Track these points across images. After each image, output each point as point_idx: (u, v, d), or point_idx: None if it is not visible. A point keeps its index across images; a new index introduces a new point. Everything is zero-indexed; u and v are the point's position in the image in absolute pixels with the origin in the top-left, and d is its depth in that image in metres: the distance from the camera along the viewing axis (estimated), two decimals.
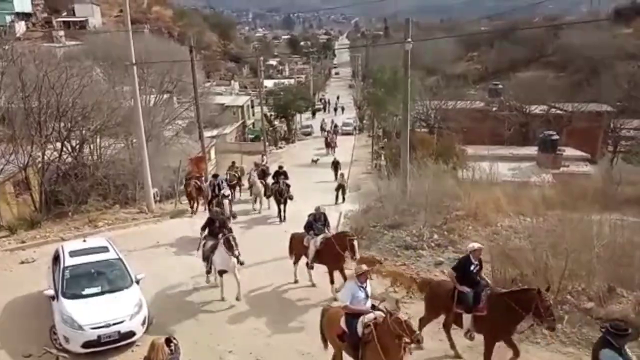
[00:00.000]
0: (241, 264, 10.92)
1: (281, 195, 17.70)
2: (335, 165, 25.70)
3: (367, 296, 7.70)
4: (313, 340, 9.39)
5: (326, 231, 11.81)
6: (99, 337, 8.98)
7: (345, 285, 7.89)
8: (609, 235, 10.66)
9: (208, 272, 11.88)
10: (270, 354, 9.27)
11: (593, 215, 11.16)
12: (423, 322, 8.86)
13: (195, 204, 18.36)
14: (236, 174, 21.48)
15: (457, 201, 15.48)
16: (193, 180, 18.31)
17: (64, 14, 75.71)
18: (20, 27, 66.74)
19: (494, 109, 41.72)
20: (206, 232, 12.00)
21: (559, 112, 38.23)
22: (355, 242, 10.89)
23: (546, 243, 10.60)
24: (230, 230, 11.64)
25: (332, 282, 11.34)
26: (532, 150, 31.65)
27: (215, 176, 17.55)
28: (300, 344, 9.41)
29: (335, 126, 47.34)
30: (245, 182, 21.78)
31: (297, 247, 12.15)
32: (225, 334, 9.92)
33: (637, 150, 24.91)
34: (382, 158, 32.50)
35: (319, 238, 11.56)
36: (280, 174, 18.64)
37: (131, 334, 9.27)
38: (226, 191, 17.13)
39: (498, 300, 8.01)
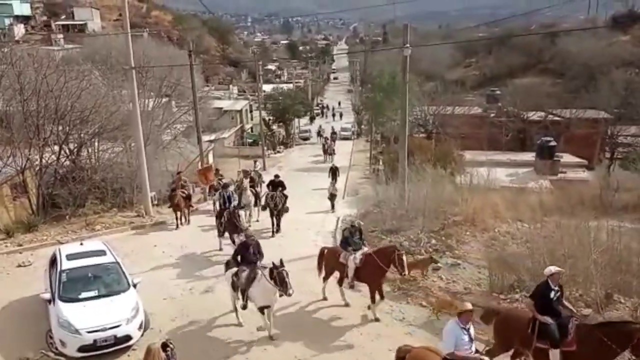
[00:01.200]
0: (289, 295, 9.27)
1: (275, 207, 16.17)
2: (334, 171, 25.39)
3: (471, 339, 6.86)
4: (310, 347, 9.40)
5: (364, 246, 10.91)
6: (95, 341, 8.94)
7: (446, 328, 6.89)
8: (606, 242, 10.69)
9: (244, 307, 10.04)
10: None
11: (590, 222, 11.19)
12: (491, 355, 7.64)
13: (182, 216, 17.12)
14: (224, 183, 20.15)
15: (455, 206, 15.53)
16: (179, 190, 17.02)
17: (63, 17, 75.82)
18: (20, 30, 66.88)
19: (492, 115, 41.81)
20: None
21: (556, 118, 38.33)
22: (404, 257, 10.11)
23: (544, 249, 10.63)
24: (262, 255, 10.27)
25: (373, 301, 10.42)
26: (530, 157, 31.72)
27: (225, 186, 15.95)
28: (297, 350, 9.38)
29: (334, 133, 46.43)
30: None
31: (330, 262, 11.16)
32: (221, 339, 9.87)
33: (634, 156, 24.94)
34: (380, 163, 32.56)
35: (359, 254, 10.58)
36: (276, 184, 16.85)
37: (127, 338, 9.22)
38: (236, 201, 15.55)
39: (589, 333, 7.13)
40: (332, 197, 20.86)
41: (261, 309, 9.63)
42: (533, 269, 10.52)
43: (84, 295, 9.64)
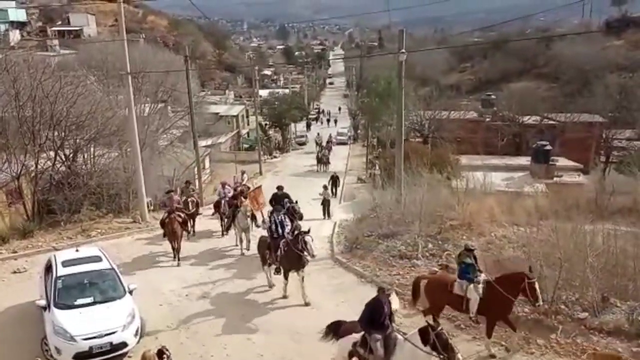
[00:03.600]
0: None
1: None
2: (335, 179, 25.12)
3: None
4: (307, 352, 9.36)
5: (481, 273, 9.26)
6: (90, 348, 8.88)
7: None
8: (602, 245, 10.71)
9: None
10: None
11: (586, 225, 11.23)
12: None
13: (178, 245, 14.18)
14: (193, 199, 17.28)
15: (451, 211, 15.53)
16: (175, 214, 14.36)
17: (59, 23, 75.85)
18: (15, 35, 66.78)
19: (487, 119, 42.05)
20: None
21: (551, 122, 38.56)
22: (537, 285, 8.65)
23: (540, 253, 10.65)
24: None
25: (489, 336, 9.08)
26: (525, 161, 31.84)
27: (276, 209, 12.65)
28: (292, 355, 9.35)
29: (329, 142, 44.29)
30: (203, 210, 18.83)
31: (436, 295, 9.50)
32: (217, 344, 9.84)
33: (629, 160, 25.08)
34: (377, 167, 32.60)
35: (481, 284, 9.05)
36: (281, 197, 14.16)
37: (123, 344, 9.16)
38: (289, 226, 12.28)
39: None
40: (325, 202, 20.74)
41: None
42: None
43: (79, 301, 9.58)
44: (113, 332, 9.05)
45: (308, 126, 61.06)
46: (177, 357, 8.52)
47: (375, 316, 7.54)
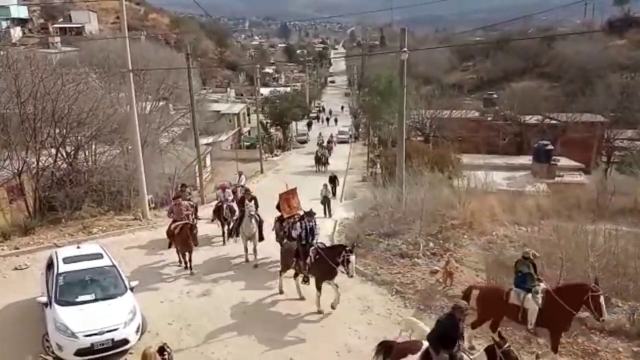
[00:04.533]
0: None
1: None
2: (333, 179, 25.07)
3: None
4: (306, 350, 9.38)
5: (540, 282, 8.68)
6: (92, 344, 8.89)
7: None
8: (603, 245, 10.72)
9: None
10: None
11: (587, 225, 11.24)
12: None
13: (189, 256, 13.19)
14: (192, 203, 15.58)
15: (452, 210, 15.54)
16: (187, 223, 13.02)
17: (60, 20, 75.79)
18: (17, 32, 66.75)
19: (489, 118, 42.01)
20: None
21: (553, 122, 38.52)
22: (602, 299, 8.05)
23: (541, 252, 10.63)
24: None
25: (555, 351, 8.50)
26: (527, 160, 31.82)
27: (309, 214, 11.52)
28: (294, 351, 9.36)
29: (330, 141, 43.28)
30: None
31: (491, 305, 8.95)
32: (219, 342, 9.84)
33: (630, 160, 25.06)
34: (378, 166, 32.60)
35: (540, 293, 8.48)
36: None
37: (125, 341, 9.17)
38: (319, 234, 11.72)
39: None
40: (326, 200, 20.69)
41: None
42: None
43: (80, 298, 9.59)
44: (114, 329, 9.05)
45: (309, 125, 60.67)
46: (178, 354, 8.54)
47: (448, 334, 7.07)
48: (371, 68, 60.91)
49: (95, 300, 9.64)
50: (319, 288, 10.72)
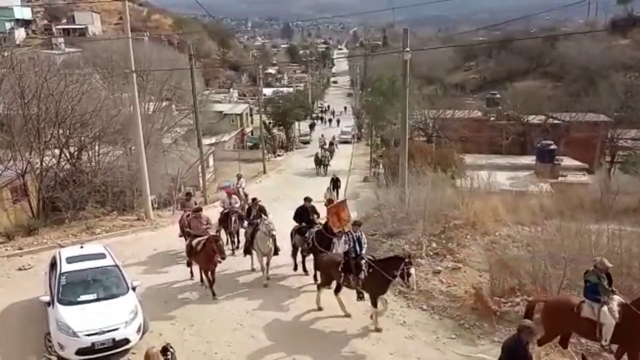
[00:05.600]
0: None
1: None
2: (335, 182, 24.96)
3: None
4: (308, 347, 9.37)
5: (614, 294, 7.94)
6: (93, 344, 8.91)
7: None
8: (607, 245, 10.67)
9: None
10: None
11: (591, 225, 11.18)
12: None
13: (212, 276, 11.70)
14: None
15: (455, 210, 15.48)
16: (212, 239, 11.42)
17: (64, 21, 76.14)
18: (20, 34, 67.08)
19: (492, 118, 41.92)
20: None
21: (556, 121, 38.38)
22: None
23: (544, 252, 10.60)
24: None
25: None
26: (530, 160, 31.71)
27: (356, 224, 10.77)
28: (296, 352, 9.36)
29: (332, 143, 41.64)
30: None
31: (557, 319, 8.24)
32: (222, 341, 9.84)
33: (634, 160, 24.97)
34: (381, 166, 32.56)
35: (615, 306, 7.71)
36: (310, 211, 12.86)
37: (126, 341, 9.18)
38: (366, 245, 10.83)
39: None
40: (329, 203, 20.55)
41: None
42: (534, 272, 10.50)
43: (83, 298, 9.62)
44: (115, 329, 9.07)
45: (312, 127, 60.46)
46: (181, 354, 8.54)
47: None
48: (374, 68, 60.88)
49: (97, 299, 9.67)
50: (375, 304, 10.03)
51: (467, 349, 9.29)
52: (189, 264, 12.53)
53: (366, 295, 10.25)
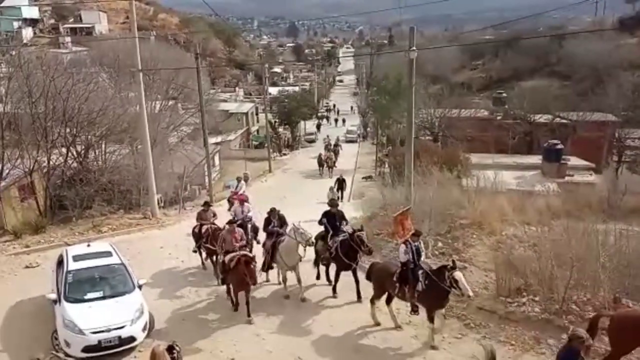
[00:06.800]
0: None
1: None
2: (340, 183, 24.79)
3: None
4: (317, 348, 9.38)
5: None
6: (99, 341, 8.97)
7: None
8: (614, 245, 10.59)
9: None
10: None
11: (598, 225, 11.09)
12: None
13: (247, 297, 10.58)
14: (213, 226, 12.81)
15: (461, 209, 15.42)
16: (243, 255, 10.40)
17: (71, 20, 76.54)
18: (28, 33, 67.51)
19: (499, 117, 41.70)
20: None
21: (563, 121, 38.16)
22: None
23: (551, 252, 10.53)
24: None
25: None
26: (537, 159, 31.53)
27: (416, 234, 9.91)
28: (301, 351, 9.37)
29: (337, 144, 41.03)
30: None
31: (627, 334, 7.51)
32: (228, 340, 9.86)
33: None
34: (386, 165, 32.52)
35: None
36: (337, 217, 11.83)
37: (131, 339, 9.24)
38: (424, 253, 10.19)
39: None
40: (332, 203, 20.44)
41: None
42: (540, 272, 10.44)
43: (89, 296, 9.68)
44: (121, 327, 9.13)
45: (318, 127, 60.28)
46: (187, 352, 8.56)
47: None
48: (380, 67, 60.84)
49: (104, 297, 9.73)
50: (431, 319, 9.27)
51: (472, 349, 9.26)
52: (223, 282, 11.32)
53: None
